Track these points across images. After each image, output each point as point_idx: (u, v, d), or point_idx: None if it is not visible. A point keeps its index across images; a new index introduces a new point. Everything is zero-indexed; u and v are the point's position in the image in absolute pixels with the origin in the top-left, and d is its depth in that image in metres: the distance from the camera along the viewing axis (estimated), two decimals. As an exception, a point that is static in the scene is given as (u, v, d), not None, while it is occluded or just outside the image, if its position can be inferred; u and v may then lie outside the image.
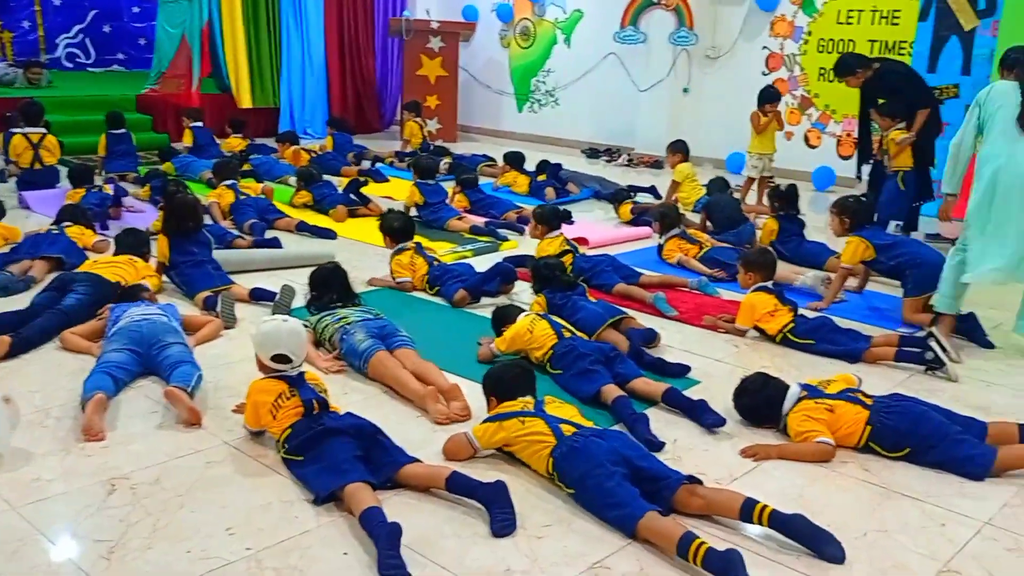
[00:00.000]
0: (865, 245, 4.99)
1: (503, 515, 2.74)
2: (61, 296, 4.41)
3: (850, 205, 5.19)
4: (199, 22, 10.88)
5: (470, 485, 2.84)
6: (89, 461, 3.09)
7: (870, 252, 4.99)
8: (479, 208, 7.39)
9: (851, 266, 5.10)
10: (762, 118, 8.05)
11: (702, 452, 3.33)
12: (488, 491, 2.80)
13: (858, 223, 5.13)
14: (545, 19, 12.27)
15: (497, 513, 2.74)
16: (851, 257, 5.04)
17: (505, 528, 2.71)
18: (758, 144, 8.11)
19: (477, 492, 2.82)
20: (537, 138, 12.33)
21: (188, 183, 7.81)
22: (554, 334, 4.02)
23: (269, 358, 3.16)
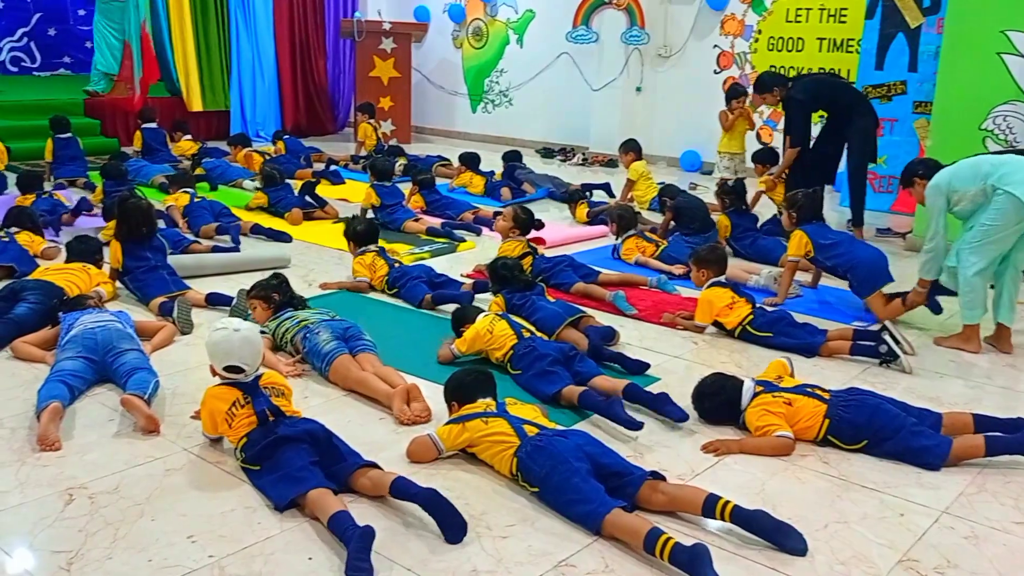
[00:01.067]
0: (807, 240, 5.08)
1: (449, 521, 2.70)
2: (11, 305, 4.32)
3: (798, 200, 5.28)
4: (136, 23, 10.64)
5: (411, 491, 2.79)
6: (45, 471, 3.03)
7: (811, 247, 5.09)
8: (435, 209, 7.39)
9: (797, 258, 5.17)
10: (729, 115, 8.05)
11: (664, 449, 3.36)
12: (426, 498, 2.74)
13: (803, 217, 5.22)
14: (497, 19, 12.29)
15: (442, 520, 2.70)
16: (795, 250, 5.13)
17: (456, 535, 2.68)
18: (727, 143, 8.09)
19: (418, 499, 2.76)
20: (491, 138, 12.34)
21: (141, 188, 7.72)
22: (514, 334, 4.03)
23: (222, 368, 3.11)
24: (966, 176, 4.47)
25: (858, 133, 6.65)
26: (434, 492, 2.74)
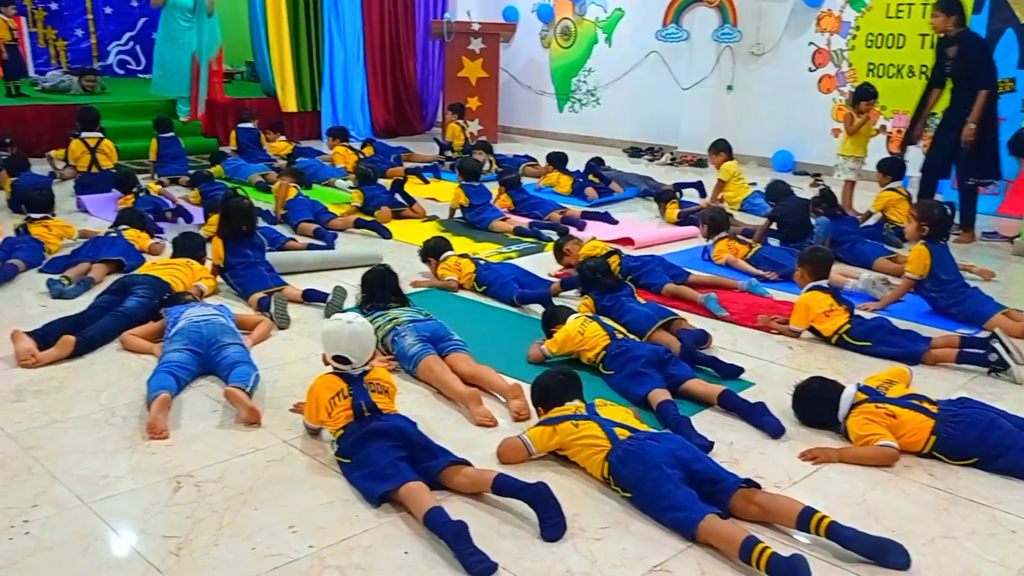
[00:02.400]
0: (929, 261, 4.87)
1: (551, 517, 2.73)
2: (121, 298, 4.51)
3: (933, 214, 4.98)
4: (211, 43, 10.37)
5: (515, 487, 2.82)
6: (155, 459, 3.16)
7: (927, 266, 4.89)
8: (523, 209, 7.41)
9: (916, 276, 4.94)
10: (856, 118, 7.72)
11: (759, 455, 3.31)
12: (533, 493, 2.78)
13: (933, 235, 4.96)
14: (586, 18, 12.26)
15: (545, 516, 2.73)
16: (915, 268, 4.92)
17: (555, 530, 2.71)
18: (851, 147, 7.79)
19: (523, 494, 2.80)
20: (578, 138, 12.32)
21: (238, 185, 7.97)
22: (606, 335, 4.02)
23: (331, 357, 3.20)
24: None
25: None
26: (541, 485, 2.76)
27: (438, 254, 5.43)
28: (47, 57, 13.42)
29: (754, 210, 7.71)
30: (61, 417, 3.48)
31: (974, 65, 6.51)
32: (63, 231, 6.02)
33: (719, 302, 4.94)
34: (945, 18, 6.51)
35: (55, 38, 13.63)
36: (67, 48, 13.72)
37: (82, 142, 8.13)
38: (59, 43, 13.65)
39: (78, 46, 13.85)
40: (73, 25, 13.81)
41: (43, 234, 5.82)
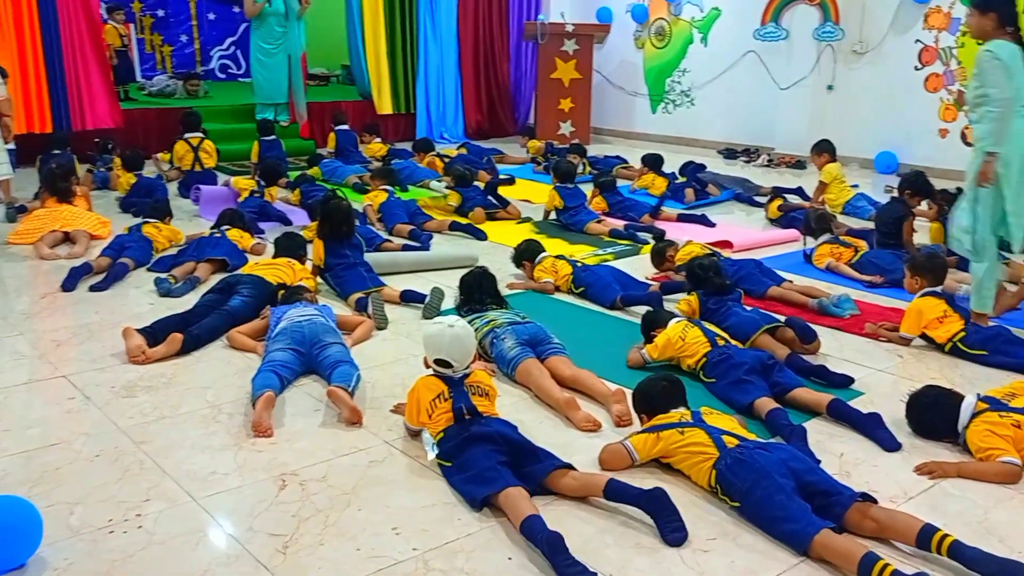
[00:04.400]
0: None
1: (672, 522, 2.69)
2: (226, 297, 4.62)
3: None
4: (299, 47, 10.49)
5: (631, 492, 2.79)
6: (260, 456, 3.21)
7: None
8: (617, 211, 7.33)
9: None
10: None
11: (871, 468, 3.17)
12: (650, 499, 2.74)
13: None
14: (681, 18, 12.07)
15: (665, 522, 2.69)
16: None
17: (677, 534, 2.66)
18: None
19: (639, 500, 2.76)
20: (671, 139, 12.15)
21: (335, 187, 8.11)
22: (707, 341, 3.92)
23: (432, 360, 3.20)
24: None
25: None
26: (660, 491, 2.71)
27: (532, 256, 5.41)
28: (153, 62, 13.93)
29: (857, 213, 7.48)
30: (170, 413, 3.58)
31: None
32: (172, 234, 6.22)
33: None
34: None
35: (161, 44, 14.13)
36: (172, 53, 14.21)
37: (185, 142, 8.47)
38: (165, 49, 14.16)
39: (183, 51, 14.34)
40: (178, 31, 14.30)
41: (152, 233, 6.02)
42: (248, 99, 10.99)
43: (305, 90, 10.73)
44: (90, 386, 3.84)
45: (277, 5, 10.22)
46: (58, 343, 4.40)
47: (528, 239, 5.69)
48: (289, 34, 10.36)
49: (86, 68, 9.55)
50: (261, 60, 10.46)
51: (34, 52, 9.14)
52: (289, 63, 10.40)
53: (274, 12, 10.24)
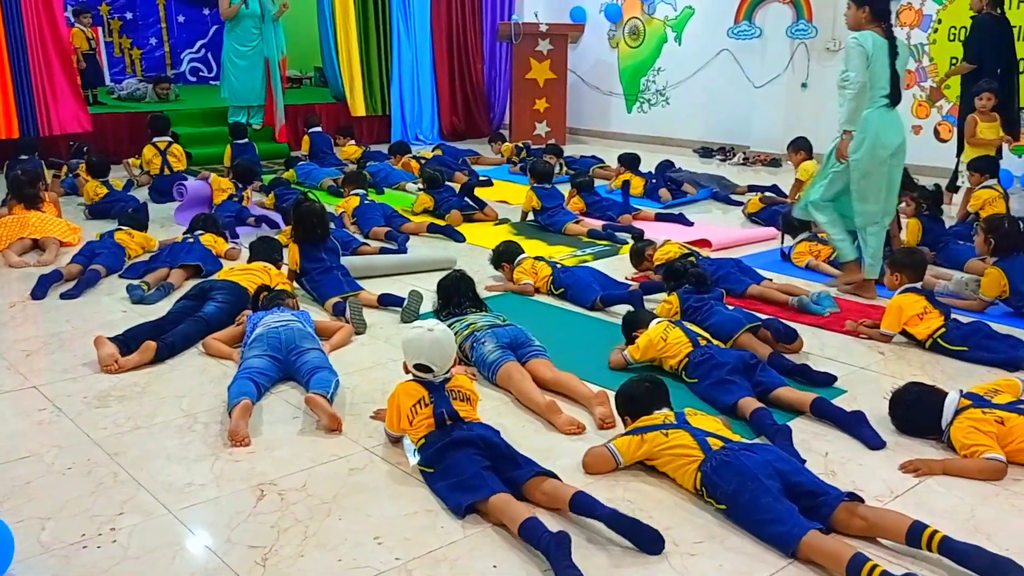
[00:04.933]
0: (1005, 281, 4.73)
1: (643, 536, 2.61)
2: (200, 303, 4.53)
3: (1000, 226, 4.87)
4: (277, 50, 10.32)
5: (593, 509, 2.68)
6: (238, 466, 3.14)
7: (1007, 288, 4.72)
8: (595, 211, 7.31)
9: (992, 299, 4.80)
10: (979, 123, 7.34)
11: (857, 467, 3.16)
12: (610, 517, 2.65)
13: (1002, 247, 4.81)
14: (655, 17, 12.08)
15: (635, 538, 2.62)
16: (989, 290, 4.79)
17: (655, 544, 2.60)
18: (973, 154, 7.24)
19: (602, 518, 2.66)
20: (648, 138, 12.14)
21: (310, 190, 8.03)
22: (689, 342, 3.89)
23: (412, 365, 3.15)
24: None
25: None
26: (615, 512, 2.65)
27: (511, 258, 5.36)
28: (123, 66, 13.76)
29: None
30: (145, 423, 3.50)
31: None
32: (145, 241, 6.11)
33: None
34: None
35: (130, 47, 13.96)
36: (142, 56, 14.05)
37: (154, 146, 8.35)
38: (134, 52, 13.99)
39: (152, 54, 14.18)
40: (147, 34, 14.14)
41: (125, 240, 5.91)
42: (219, 102, 10.85)
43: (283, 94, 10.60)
44: (61, 396, 3.75)
45: (253, 7, 10.10)
46: (28, 352, 4.30)
47: (507, 240, 5.64)
48: (265, 36, 10.23)
49: (51, 72, 9.37)
50: (235, 62, 10.31)
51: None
52: (267, 67, 10.27)
53: (250, 14, 10.12)
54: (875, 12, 4.91)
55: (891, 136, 5.03)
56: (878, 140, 4.98)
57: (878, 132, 4.97)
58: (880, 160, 5.03)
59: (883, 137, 4.99)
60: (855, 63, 4.87)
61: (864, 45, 4.85)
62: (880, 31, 4.91)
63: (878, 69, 4.89)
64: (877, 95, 4.94)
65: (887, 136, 5.01)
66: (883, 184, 5.09)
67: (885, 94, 4.95)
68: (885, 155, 5.02)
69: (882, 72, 4.90)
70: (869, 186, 5.08)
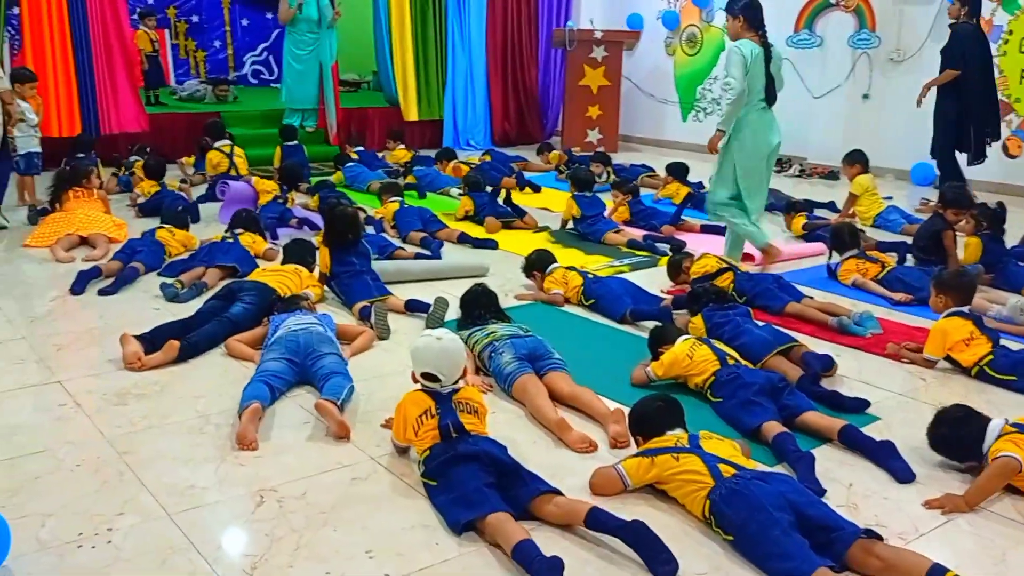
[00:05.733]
0: None
1: (659, 554, 2.52)
2: (228, 304, 4.54)
3: None
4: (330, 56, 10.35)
5: (612, 524, 2.62)
6: (242, 471, 3.12)
7: None
8: (639, 220, 7.18)
9: None
10: None
11: (882, 500, 2.99)
12: (631, 531, 2.57)
13: None
14: (713, 25, 11.86)
15: (651, 554, 2.52)
16: None
17: (667, 567, 2.50)
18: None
19: (620, 532, 2.59)
20: (702, 147, 11.82)
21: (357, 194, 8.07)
22: (716, 360, 3.76)
23: (420, 374, 3.09)
24: None
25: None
26: (640, 524, 2.55)
27: (543, 267, 5.27)
28: (187, 67, 14.05)
29: (888, 226, 7.24)
30: (158, 422, 3.50)
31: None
32: (186, 239, 6.18)
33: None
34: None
35: (195, 49, 14.25)
36: (206, 59, 14.33)
37: (218, 151, 8.46)
38: (199, 54, 14.27)
39: (216, 57, 14.45)
40: (212, 37, 14.41)
41: (166, 238, 5.98)
42: (277, 104, 10.98)
43: (337, 101, 10.64)
44: (82, 393, 3.78)
45: (309, 12, 10.19)
46: (59, 347, 4.36)
47: (539, 249, 5.55)
48: (321, 42, 10.32)
49: (113, 72, 9.60)
50: (292, 65, 10.44)
51: (64, 56, 9.21)
52: (320, 71, 10.35)
53: (306, 19, 10.21)
54: (750, 22, 5.40)
55: (770, 136, 5.58)
56: (757, 139, 5.53)
57: (756, 132, 5.52)
58: (760, 157, 5.60)
59: (762, 136, 5.55)
60: (734, 70, 5.33)
61: (743, 53, 5.31)
62: (756, 39, 5.41)
63: (755, 74, 5.37)
64: (755, 98, 5.46)
65: (766, 135, 5.56)
66: (764, 180, 5.76)
67: (762, 97, 5.48)
68: (764, 153, 5.60)
69: (759, 77, 5.40)
70: (752, 183, 5.64)
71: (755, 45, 5.38)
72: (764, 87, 5.43)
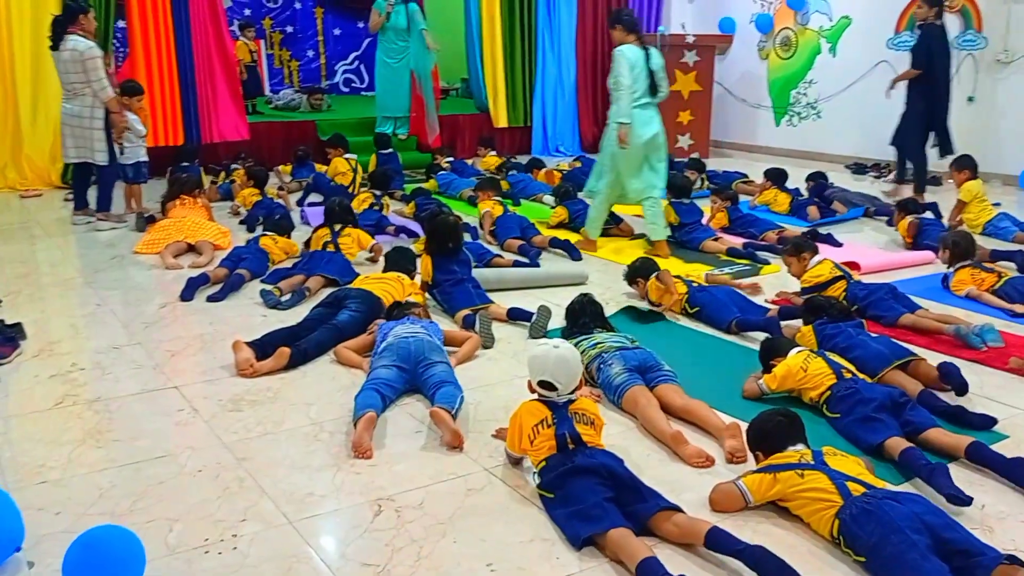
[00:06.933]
0: None
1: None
2: (335, 311, 4.61)
3: None
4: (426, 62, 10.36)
5: (732, 545, 2.55)
6: (358, 479, 3.15)
7: None
8: (737, 227, 7.05)
9: None
10: None
11: (1017, 523, 2.85)
12: (753, 556, 2.50)
13: None
14: (808, 28, 11.61)
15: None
16: None
17: None
18: None
19: (742, 555, 2.52)
20: (796, 153, 11.67)
21: (451, 201, 8.12)
22: (832, 373, 3.64)
23: (536, 383, 3.08)
24: None
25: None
26: (762, 549, 2.48)
27: (647, 274, 5.20)
28: (281, 77, 14.40)
29: (999, 234, 6.95)
30: (273, 429, 3.57)
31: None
32: (288, 247, 6.31)
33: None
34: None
35: (289, 59, 14.60)
36: (299, 68, 14.66)
37: (346, 160, 8.73)
38: (292, 63, 14.62)
39: (309, 66, 14.78)
40: (305, 47, 14.75)
41: (269, 245, 6.12)
42: (370, 112, 11.15)
43: (438, 104, 10.73)
44: (198, 398, 3.88)
45: (398, 20, 10.32)
46: (172, 353, 4.49)
47: (642, 257, 5.49)
48: (411, 49, 10.43)
49: (215, 83, 9.91)
50: (383, 74, 10.61)
51: (169, 68, 9.54)
52: (412, 78, 10.45)
53: (394, 27, 10.34)
54: (627, 29, 6.22)
55: (647, 129, 6.27)
56: (635, 132, 6.20)
57: (635, 124, 6.19)
58: (637, 146, 6.26)
59: (639, 129, 6.22)
60: (621, 71, 6.11)
61: (627, 57, 6.12)
62: (636, 43, 6.21)
63: (637, 74, 6.15)
64: (637, 95, 6.20)
65: (644, 128, 6.25)
66: (644, 166, 6.38)
67: (643, 93, 6.21)
68: (640, 143, 6.26)
69: (641, 76, 6.17)
70: (631, 168, 6.36)
71: (636, 48, 6.19)
72: (646, 84, 6.19)
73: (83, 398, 3.89)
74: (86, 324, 4.97)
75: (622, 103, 6.16)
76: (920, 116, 8.49)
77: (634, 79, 6.14)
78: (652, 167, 6.42)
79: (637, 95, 6.18)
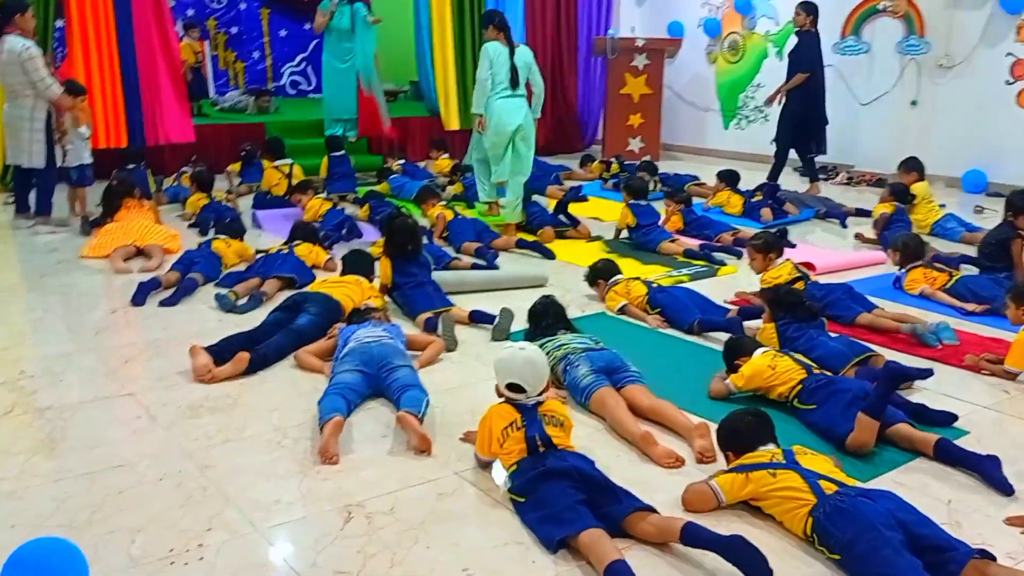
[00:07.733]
0: None
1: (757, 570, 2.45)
2: (293, 315, 4.52)
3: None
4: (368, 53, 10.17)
5: (709, 538, 2.55)
6: (325, 485, 3.08)
7: None
8: (692, 229, 7.11)
9: None
10: None
11: (984, 517, 2.90)
12: (730, 546, 2.50)
13: None
14: (756, 32, 11.77)
15: (755, 570, 2.45)
16: None
17: None
18: None
19: (719, 547, 2.52)
20: (744, 155, 11.80)
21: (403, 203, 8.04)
22: (802, 368, 3.68)
23: (504, 386, 3.04)
24: None
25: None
26: (739, 538, 2.48)
27: (608, 276, 5.21)
28: (226, 79, 14.13)
29: (946, 235, 7.12)
30: (235, 436, 3.48)
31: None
32: (241, 250, 6.17)
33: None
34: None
35: (234, 60, 14.33)
36: (245, 70, 14.41)
37: (277, 170, 8.38)
38: (238, 65, 14.35)
39: (255, 68, 14.52)
40: (251, 48, 14.49)
41: (222, 249, 5.98)
42: (318, 115, 10.99)
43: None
44: (156, 405, 3.77)
45: (342, 21, 10.14)
46: (126, 359, 4.36)
47: (605, 259, 5.49)
48: (355, 49, 10.29)
49: (159, 84, 9.65)
50: (331, 76, 10.41)
51: (111, 68, 9.26)
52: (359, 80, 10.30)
53: (338, 27, 10.17)
54: (497, 28, 7.05)
55: (511, 118, 6.94)
56: (500, 121, 6.94)
57: (500, 116, 6.93)
58: (503, 135, 6.95)
59: (504, 119, 6.94)
60: (483, 65, 6.96)
61: (489, 52, 6.96)
62: (502, 40, 7.02)
63: (499, 69, 6.92)
64: (499, 87, 6.94)
65: (508, 118, 6.94)
66: (509, 154, 7.02)
67: (506, 85, 6.94)
68: (507, 131, 6.94)
69: (502, 70, 6.93)
70: (496, 155, 7.09)
71: (500, 45, 6.99)
72: (508, 78, 6.91)
73: (34, 406, 3.75)
74: (33, 330, 4.81)
75: (477, 94, 7.04)
76: (796, 120, 9.00)
77: (495, 73, 6.89)
78: (517, 152, 7.02)
79: (501, 87, 6.93)
